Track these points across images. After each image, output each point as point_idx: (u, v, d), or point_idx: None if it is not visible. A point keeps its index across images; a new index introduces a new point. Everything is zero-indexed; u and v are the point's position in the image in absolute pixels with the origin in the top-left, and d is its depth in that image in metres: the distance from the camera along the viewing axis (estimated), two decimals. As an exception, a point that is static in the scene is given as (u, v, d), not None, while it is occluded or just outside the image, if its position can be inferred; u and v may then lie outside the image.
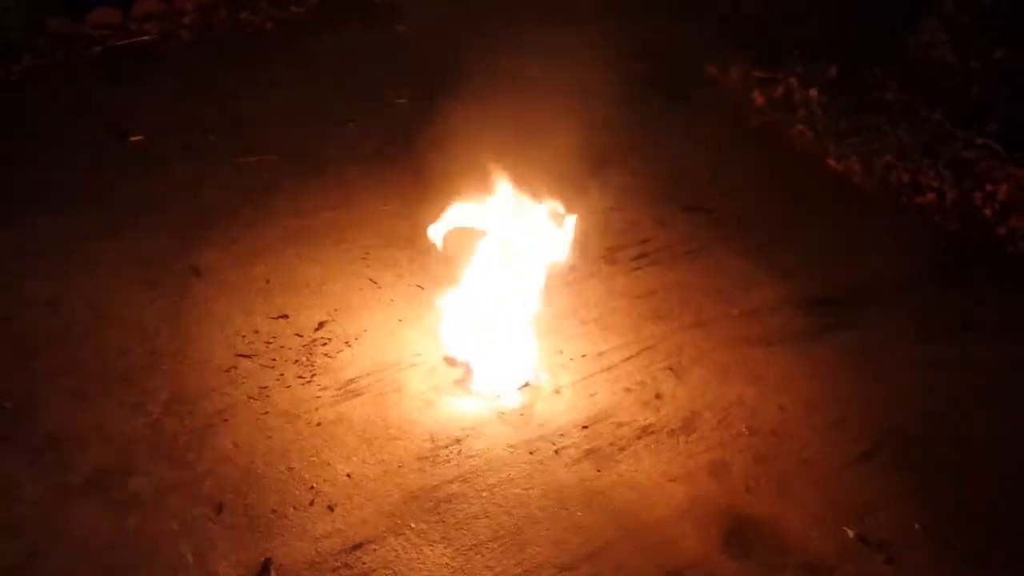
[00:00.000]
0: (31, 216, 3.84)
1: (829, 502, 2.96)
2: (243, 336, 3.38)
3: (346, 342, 3.39)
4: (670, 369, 3.40)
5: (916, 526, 2.90)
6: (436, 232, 3.47)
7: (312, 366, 3.27)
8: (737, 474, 3.01)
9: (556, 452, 3.02)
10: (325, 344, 3.37)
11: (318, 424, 3.05)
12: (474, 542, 2.70)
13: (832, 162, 4.89)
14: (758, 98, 5.40)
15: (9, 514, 2.67)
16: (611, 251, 4.05)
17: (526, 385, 3.25)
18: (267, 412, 3.07)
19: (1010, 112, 4.95)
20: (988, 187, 4.57)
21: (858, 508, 2.94)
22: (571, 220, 3.38)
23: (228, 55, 5.39)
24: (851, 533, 2.86)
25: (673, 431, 3.15)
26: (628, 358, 3.45)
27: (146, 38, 5.38)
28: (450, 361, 3.32)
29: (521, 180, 3.82)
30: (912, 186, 4.69)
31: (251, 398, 3.12)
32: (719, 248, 4.13)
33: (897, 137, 4.96)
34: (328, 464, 2.90)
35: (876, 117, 5.14)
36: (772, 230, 4.30)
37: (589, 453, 3.03)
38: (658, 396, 3.28)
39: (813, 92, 5.31)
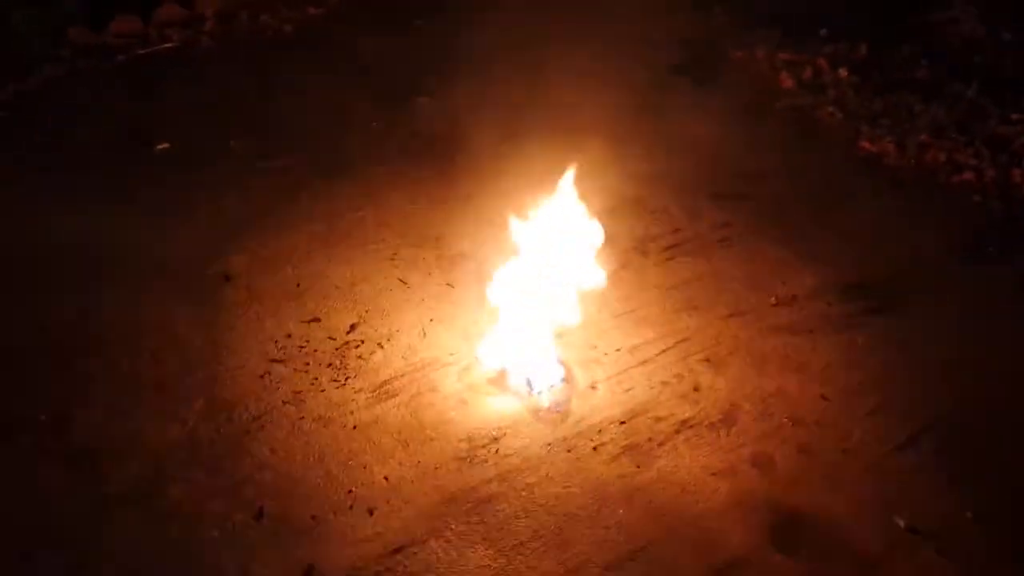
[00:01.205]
0: (59, 227, 3.84)
1: (877, 492, 2.89)
2: (275, 341, 3.36)
3: (378, 343, 3.37)
4: (707, 361, 3.35)
5: (968, 514, 2.83)
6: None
7: (345, 369, 3.25)
8: (781, 466, 2.95)
9: (594, 449, 2.98)
10: (358, 346, 3.35)
11: (354, 427, 3.03)
12: (515, 542, 2.66)
13: (865, 143, 4.79)
14: (786, 80, 5.30)
15: (49, 528, 2.67)
16: (642, 242, 4.00)
17: (561, 382, 3.21)
18: (302, 417, 3.06)
19: (1045, 85, 4.83)
20: (1027, 163, 4.46)
21: (907, 497, 2.87)
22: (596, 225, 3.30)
23: (249, 59, 5.38)
24: (901, 523, 2.79)
25: (713, 424, 3.09)
26: (664, 351, 3.39)
27: (168, 46, 5.39)
28: (484, 360, 3.28)
29: (547, 174, 3.79)
30: (948, 165, 4.59)
31: (286, 403, 3.11)
32: (752, 235, 4.06)
33: (930, 115, 4.86)
34: (365, 467, 2.88)
35: (908, 95, 5.03)
36: (806, 215, 4.22)
37: (628, 449, 2.99)
38: (696, 389, 3.23)
39: (843, 72, 5.22)
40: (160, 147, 4.46)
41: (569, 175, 3.29)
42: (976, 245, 4.06)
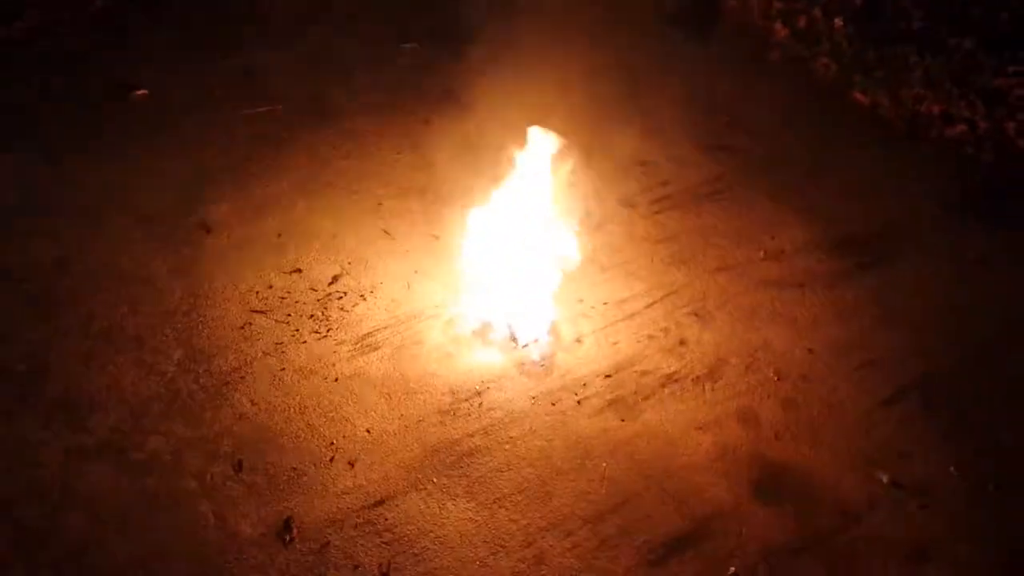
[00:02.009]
0: (36, 175, 3.75)
1: (861, 447, 2.89)
2: (256, 292, 3.31)
3: (361, 295, 3.31)
4: (694, 315, 3.31)
5: (951, 469, 2.82)
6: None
7: (327, 321, 3.20)
8: (765, 420, 2.94)
9: (579, 403, 2.95)
10: (340, 298, 3.30)
11: (335, 380, 2.99)
12: (498, 496, 2.65)
13: (858, 95, 4.72)
14: (780, 30, 5.20)
15: (28, 476, 2.64)
16: (630, 194, 3.93)
17: (546, 335, 3.17)
18: (283, 368, 3.01)
19: (1043, 37, 4.74)
20: (1021, 116, 4.39)
21: (891, 452, 2.87)
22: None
23: (233, 4, 5.23)
24: (884, 478, 2.79)
25: (698, 378, 3.07)
26: (651, 304, 3.36)
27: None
28: (469, 313, 3.23)
29: (536, 123, 3.71)
30: (942, 117, 4.52)
31: (267, 355, 3.06)
32: (742, 188, 4.01)
33: (925, 67, 4.77)
34: (347, 420, 2.85)
35: (903, 47, 4.93)
36: (797, 168, 4.17)
37: (612, 403, 2.96)
38: (682, 343, 3.20)
39: (838, 22, 5.11)
40: (138, 93, 4.34)
41: (544, 132, 3.21)
42: (967, 198, 4.02)
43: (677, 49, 5.00)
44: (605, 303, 3.35)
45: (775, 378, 3.08)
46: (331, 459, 2.72)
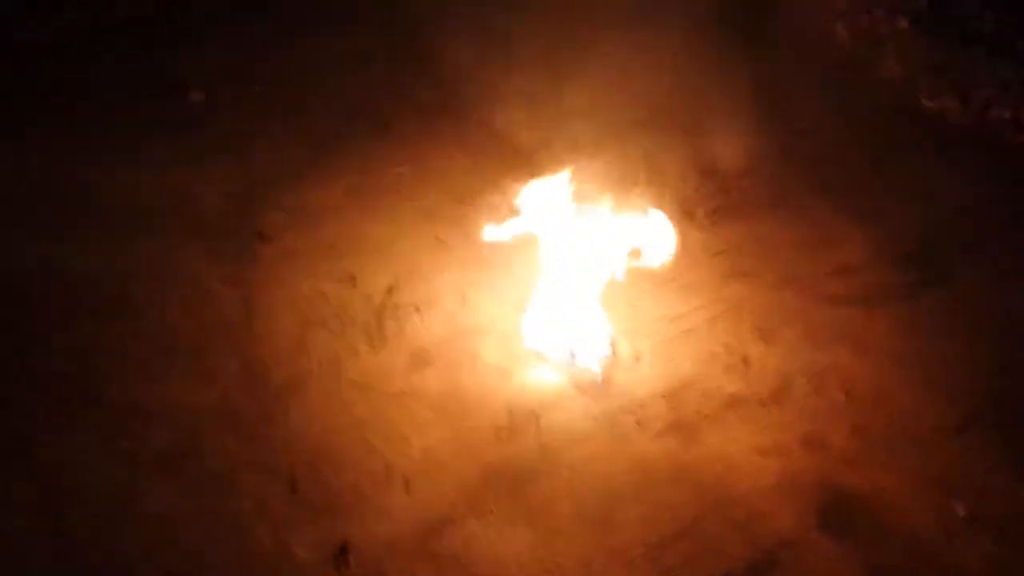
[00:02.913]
0: (89, 183, 3.74)
1: (935, 473, 2.78)
2: (311, 302, 3.27)
3: (416, 307, 3.26)
4: (757, 331, 3.21)
5: (1028, 498, 2.70)
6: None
7: (382, 333, 3.16)
8: (834, 445, 2.84)
9: (638, 424, 2.88)
10: (395, 309, 3.25)
11: (391, 395, 2.95)
12: (556, 521, 2.59)
13: (925, 99, 4.55)
14: (842, 32, 5.03)
15: (83, 490, 2.64)
16: (687, 203, 3.82)
17: (605, 353, 3.09)
18: (338, 383, 2.98)
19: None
20: (1098, 123, 4.22)
21: (966, 478, 2.76)
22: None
23: (285, 6, 5.19)
24: (961, 510, 2.67)
25: (763, 399, 2.97)
26: (711, 320, 3.26)
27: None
28: (526, 328, 3.16)
29: (592, 133, 3.63)
30: (1014, 123, 4.34)
31: (321, 368, 3.03)
32: (804, 197, 3.88)
33: (996, 71, 4.58)
34: (403, 438, 2.81)
35: (972, 50, 4.75)
36: (862, 176, 4.02)
37: (673, 425, 2.88)
38: (745, 361, 3.10)
39: (903, 23, 4.93)
40: (192, 97, 4.32)
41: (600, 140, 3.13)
42: (1043, 209, 3.85)
43: (732, 51, 4.85)
44: (664, 319, 3.27)
45: (844, 400, 2.97)
46: (387, 479, 2.68)
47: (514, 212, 3.39)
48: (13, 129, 4.04)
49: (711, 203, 3.85)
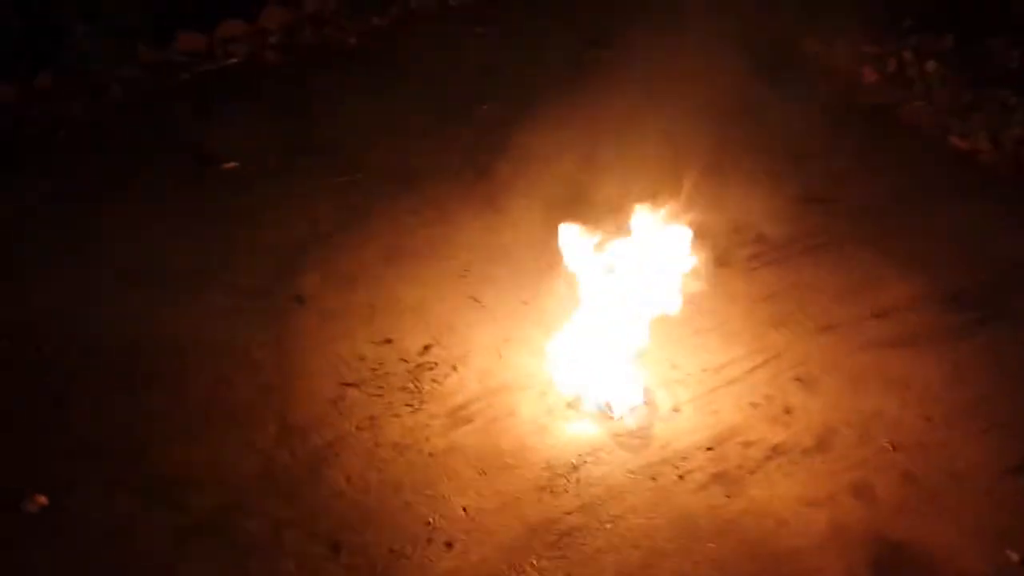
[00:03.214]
0: (132, 251, 3.84)
1: (988, 521, 2.70)
2: (348, 364, 3.29)
3: (453, 366, 3.27)
4: (799, 380, 3.17)
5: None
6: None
7: (420, 392, 3.17)
8: (883, 494, 2.77)
9: (680, 477, 2.83)
10: (432, 369, 3.26)
11: (430, 454, 2.94)
12: (600, 579, 2.54)
13: (956, 140, 4.52)
14: (869, 74, 5.05)
15: (127, 558, 2.65)
16: (724, 251, 3.81)
17: (643, 404, 3.06)
18: (378, 443, 2.98)
19: None
20: None
21: (1018, 525, 2.67)
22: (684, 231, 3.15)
23: (314, 73, 5.33)
24: (1015, 556, 2.59)
25: (807, 449, 2.92)
26: (752, 369, 3.22)
27: (232, 61, 5.37)
28: (561, 382, 3.15)
29: (625, 184, 3.64)
30: (1047, 162, 4.30)
31: (360, 429, 3.03)
32: (841, 241, 3.85)
33: (1025, 110, 4.56)
34: (443, 497, 2.79)
35: (1000, 89, 4.74)
36: (897, 218, 3.99)
37: (716, 477, 2.83)
38: (788, 411, 3.05)
39: (930, 65, 4.94)
40: (227, 166, 4.43)
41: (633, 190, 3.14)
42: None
43: (764, 98, 4.88)
44: (703, 369, 3.24)
45: (891, 448, 2.91)
46: (429, 540, 2.66)
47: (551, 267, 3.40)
48: (54, 192, 4.18)
49: (749, 250, 3.83)
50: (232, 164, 4.44)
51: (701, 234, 3.77)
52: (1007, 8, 5.31)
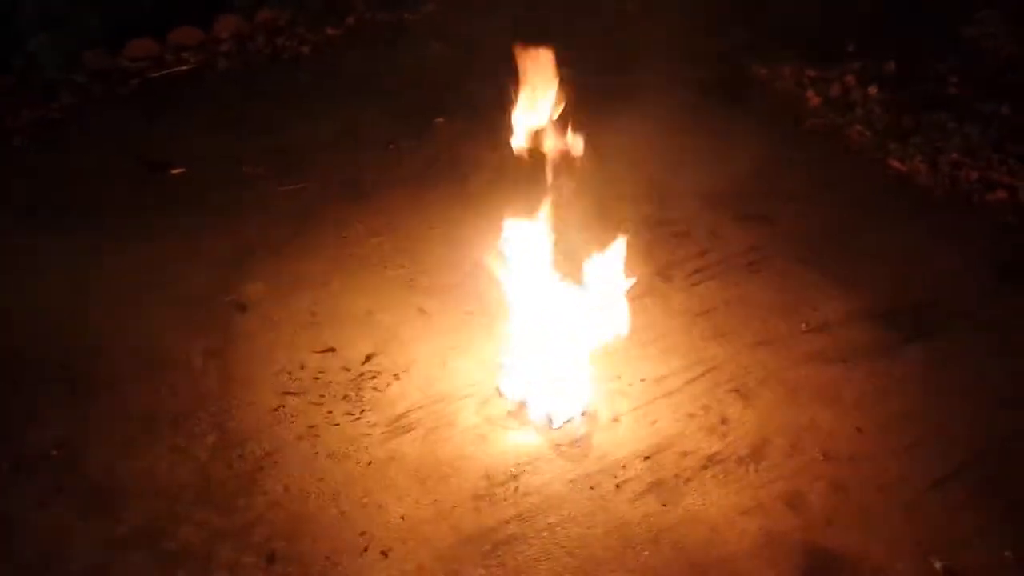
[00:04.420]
0: (74, 256, 3.79)
1: (914, 531, 2.75)
2: (290, 372, 3.28)
3: (395, 375, 3.27)
4: (736, 392, 3.22)
5: (1007, 554, 2.68)
6: (492, 256, 3.31)
7: (361, 402, 3.16)
8: (814, 504, 2.82)
9: (618, 486, 2.86)
10: (374, 378, 3.26)
11: (369, 463, 2.93)
12: (536, 587, 2.56)
13: (895, 162, 4.66)
14: (812, 98, 5.18)
15: (61, 567, 2.60)
16: (666, 266, 3.88)
17: (583, 414, 3.10)
18: (316, 452, 2.97)
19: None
20: (1065, 183, 4.31)
21: (944, 537, 2.73)
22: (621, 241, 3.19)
23: (266, 81, 5.34)
24: (938, 565, 2.65)
25: (742, 459, 2.97)
26: (690, 381, 3.27)
27: (184, 68, 5.35)
28: (503, 392, 3.17)
29: (570, 197, 3.69)
30: (982, 183, 4.44)
31: (300, 438, 3.02)
32: (780, 259, 3.93)
33: (963, 133, 4.71)
34: (381, 506, 2.79)
35: (939, 113, 4.89)
36: (836, 237, 4.09)
37: (653, 486, 2.87)
38: (724, 422, 3.10)
39: (872, 89, 5.09)
40: (175, 171, 4.40)
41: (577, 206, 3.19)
42: (1012, 268, 3.90)
43: (708, 118, 4.99)
44: (642, 380, 3.28)
45: (822, 459, 2.97)
46: (365, 548, 2.65)
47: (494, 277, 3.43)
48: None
49: (690, 266, 3.89)
50: (180, 169, 4.41)
51: (646, 249, 3.86)
52: (949, 35, 5.49)
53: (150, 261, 3.79)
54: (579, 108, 4.28)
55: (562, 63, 3.11)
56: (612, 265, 3.17)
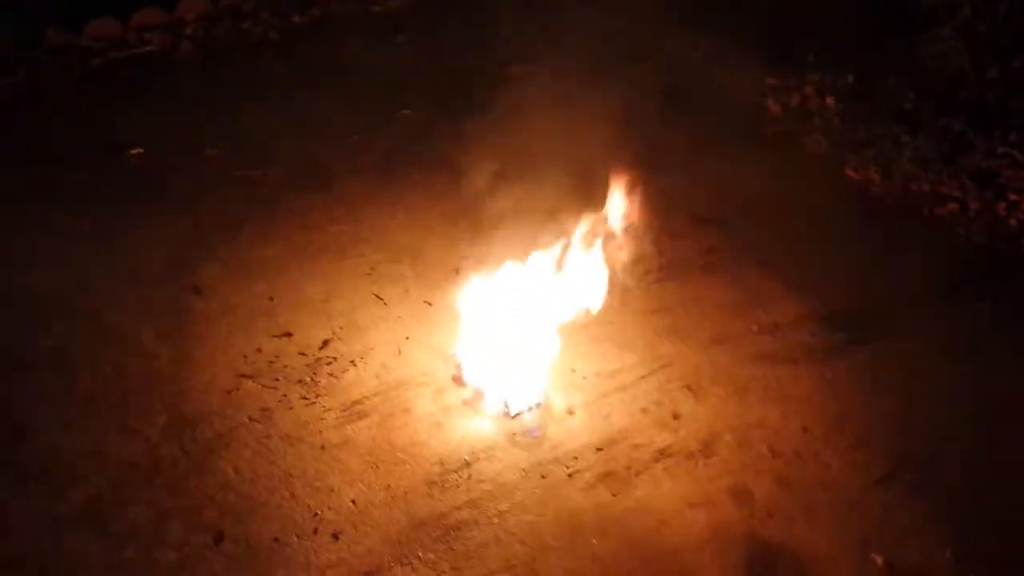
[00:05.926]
0: (26, 232, 3.73)
1: (855, 527, 2.83)
2: (245, 356, 3.26)
3: (351, 361, 3.27)
4: (688, 388, 3.28)
5: (947, 552, 2.77)
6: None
7: (316, 386, 3.16)
8: (759, 499, 2.88)
9: (570, 476, 2.90)
10: (330, 363, 3.26)
11: (322, 447, 2.93)
12: (484, 572, 2.58)
13: (850, 172, 4.76)
14: (772, 106, 5.28)
15: (3, 545, 2.56)
16: (624, 265, 3.92)
17: (538, 405, 3.12)
18: (269, 435, 2.95)
19: (1030, 121, 4.82)
20: (1012, 197, 4.44)
21: (886, 533, 2.82)
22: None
23: (230, 66, 5.29)
24: (879, 560, 2.73)
25: (692, 453, 3.02)
26: (644, 376, 3.32)
27: (146, 49, 5.28)
28: (459, 381, 3.19)
29: (528, 194, 3.72)
30: (933, 196, 4.56)
31: (253, 420, 3.01)
32: (735, 262, 4.01)
33: (916, 146, 4.83)
34: (332, 490, 2.78)
35: (894, 126, 5.01)
36: (790, 242, 4.17)
37: (604, 477, 2.90)
38: (676, 417, 3.16)
39: (830, 100, 5.19)
40: (134, 152, 4.34)
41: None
42: (959, 278, 4.02)
43: (669, 122, 5.04)
44: (598, 374, 3.32)
45: (769, 455, 3.03)
46: (315, 530, 2.65)
47: (455, 268, 3.45)
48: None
49: (647, 264, 3.94)
50: (138, 150, 4.35)
51: (604, 249, 3.90)
52: (907, 52, 5.62)
53: (106, 240, 3.74)
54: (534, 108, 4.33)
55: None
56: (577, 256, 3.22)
